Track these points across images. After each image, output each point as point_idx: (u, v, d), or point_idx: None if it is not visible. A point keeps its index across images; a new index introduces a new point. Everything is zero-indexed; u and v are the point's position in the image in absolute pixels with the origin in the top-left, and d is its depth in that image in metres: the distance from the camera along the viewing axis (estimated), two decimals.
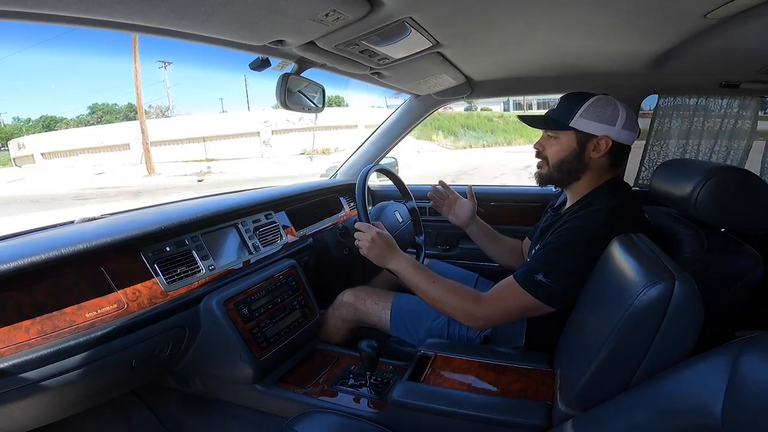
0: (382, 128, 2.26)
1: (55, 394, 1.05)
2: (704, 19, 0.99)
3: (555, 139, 1.23)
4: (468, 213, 1.63)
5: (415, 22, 1.06)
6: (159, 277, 1.24)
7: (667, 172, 1.28)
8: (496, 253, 1.68)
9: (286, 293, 1.52)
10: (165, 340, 1.24)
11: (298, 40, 1.11)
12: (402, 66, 1.44)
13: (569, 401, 0.88)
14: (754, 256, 1.08)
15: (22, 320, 0.97)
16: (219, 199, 1.76)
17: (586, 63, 1.59)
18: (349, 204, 2.28)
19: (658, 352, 0.74)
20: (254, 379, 1.34)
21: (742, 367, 0.55)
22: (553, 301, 1.09)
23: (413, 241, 1.85)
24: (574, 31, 1.21)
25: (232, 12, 0.86)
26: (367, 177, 1.48)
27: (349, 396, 1.29)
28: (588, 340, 0.89)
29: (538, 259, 1.13)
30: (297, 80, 1.37)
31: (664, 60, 1.43)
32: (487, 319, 1.18)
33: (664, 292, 0.72)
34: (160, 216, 1.32)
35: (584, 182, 1.23)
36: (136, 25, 0.88)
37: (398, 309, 1.50)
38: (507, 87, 1.97)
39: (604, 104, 1.17)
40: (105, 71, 41.30)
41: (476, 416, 1.01)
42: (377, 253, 1.31)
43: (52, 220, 1.42)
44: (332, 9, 0.90)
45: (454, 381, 1.14)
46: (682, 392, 0.64)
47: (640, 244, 0.92)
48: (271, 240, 1.68)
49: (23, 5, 0.72)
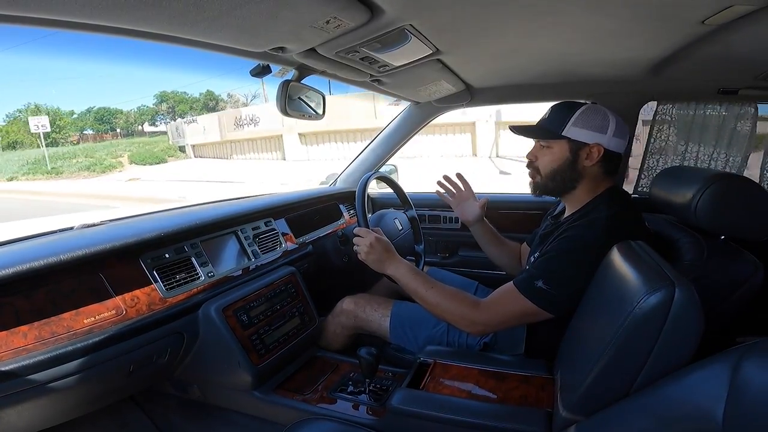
0: (381, 136, 2.27)
1: (52, 399, 1.05)
2: (702, 25, 1.00)
3: (548, 149, 1.24)
4: (473, 216, 1.64)
5: (415, 29, 1.06)
6: (158, 283, 1.24)
7: (666, 180, 1.28)
8: (497, 255, 1.68)
9: (286, 300, 1.52)
10: (163, 347, 1.23)
11: (298, 47, 1.11)
12: (402, 73, 1.45)
13: (570, 408, 0.88)
14: (754, 263, 1.08)
15: (20, 325, 0.97)
16: (218, 206, 1.76)
17: (585, 70, 1.60)
18: (348, 211, 2.28)
19: (658, 359, 0.74)
20: (253, 385, 1.33)
21: (743, 373, 0.55)
22: (551, 308, 1.09)
23: (413, 249, 1.85)
24: (573, 38, 1.21)
25: (233, 19, 0.86)
26: (367, 184, 1.48)
27: (348, 403, 1.28)
28: (589, 347, 0.88)
29: (539, 266, 1.14)
30: (297, 87, 1.38)
31: (663, 67, 1.43)
32: (485, 325, 1.18)
33: (664, 299, 0.72)
34: (160, 222, 1.32)
35: (581, 191, 1.23)
36: (138, 31, 0.89)
37: (398, 316, 1.49)
38: (506, 94, 1.97)
39: (594, 113, 1.18)
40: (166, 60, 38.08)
41: (475, 423, 1.00)
42: (375, 258, 1.31)
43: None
44: (333, 16, 0.91)
45: (454, 388, 1.14)
46: (683, 398, 0.63)
47: (640, 251, 0.92)
48: (271, 247, 1.68)
49: (25, 10, 0.72)
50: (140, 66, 37.96)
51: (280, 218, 1.82)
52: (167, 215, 1.58)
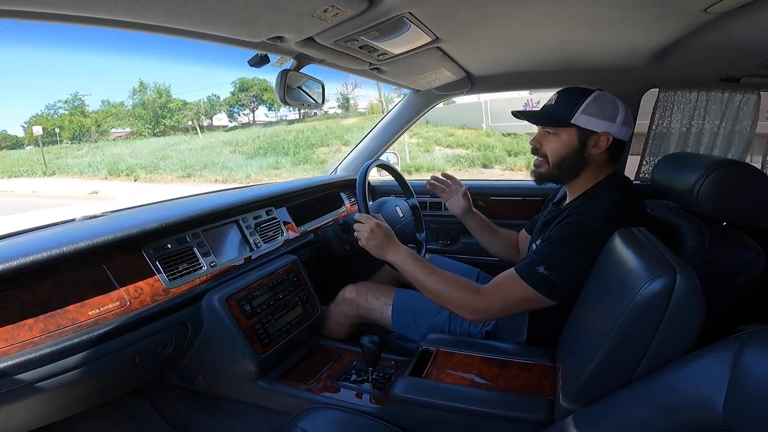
0: (382, 123, 2.26)
1: (59, 392, 1.05)
2: (705, 13, 0.99)
3: (554, 136, 1.22)
4: (461, 208, 1.68)
5: (414, 17, 1.05)
6: (161, 274, 1.24)
7: (668, 166, 1.28)
8: (491, 244, 1.70)
9: (288, 289, 1.53)
10: (168, 338, 1.24)
11: (296, 36, 1.10)
12: (401, 61, 1.44)
13: (571, 396, 0.89)
14: (756, 250, 1.08)
15: (25, 319, 0.97)
16: (219, 195, 1.76)
17: (587, 58, 1.58)
18: (349, 199, 2.28)
19: (660, 346, 0.74)
20: (257, 375, 1.34)
21: (745, 361, 0.55)
22: (553, 294, 1.09)
23: (414, 236, 1.85)
24: (575, 26, 1.20)
25: (230, 8, 0.86)
26: (367, 172, 1.48)
27: (352, 391, 1.29)
28: (590, 335, 0.89)
29: (540, 252, 1.13)
30: (296, 76, 1.37)
31: (665, 54, 1.42)
32: (486, 312, 1.17)
33: (665, 286, 0.72)
34: (161, 213, 1.32)
35: (584, 178, 1.23)
36: (134, 22, 0.88)
37: (400, 304, 1.50)
38: (507, 81, 1.96)
39: (605, 101, 1.16)
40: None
41: (478, 411, 1.01)
42: (376, 244, 1.31)
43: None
44: (331, 5, 0.90)
45: (456, 376, 1.15)
46: (684, 386, 0.64)
47: (642, 237, 0.92)
48: (272, 236, 1.68)
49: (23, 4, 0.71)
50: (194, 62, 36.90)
51: (282, 207, 1.82)
52: (168, 205, 1.58)
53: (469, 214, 1.69)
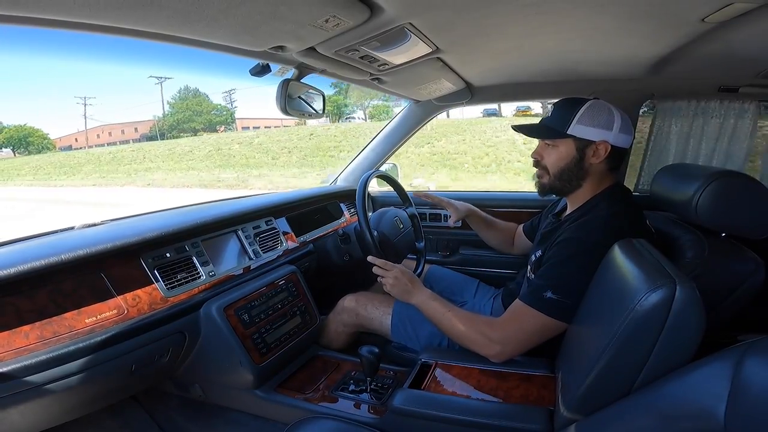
0: (382, 134, 2.27)
1: (54, 398, 1.05)
2: (702, 23, 1.00)
3: (553, 148, 1.23)
4: (462, 213, 1.81)
5: (415, 27, 1.06)
6: (159, 282, 1.24)
7: (666, 177, 1.28)
8: (490, 237, 1.87)
9: (287, 299, 1.52)
10: (165, 346, 1.23)
11: (298, 46, 1.11)
12: (402, 71, 1.45)
13: (571, 406, 0.88)
14: (755, 261, 1.07)
15: (21, 325, 0.97)
16: (219, 205, 1.76)
17: (586, 68, 1.59)
18: (349, 210, 2.28)
19: (659, 357, 0.74)
20: (254, 384, 1.33)
21: (745, 372, 0.55)
22: (566, 317, 1.08)
23: (413, 246, 1.84)
24: (573, 36, 1.21)
25: (232, 18, 0.86)
26: (367, 183, 1.48)
27: (350, 402, 1.28)
28: (590, 345, 0.88)
29: (543, 276, 1.13)
30: (297, 86, 1.37)
31: (663, 64, 1.43)
32: (502, 343, 1.15)
33: (665, 297, 0.72)
34: (161, 222, 1.32)
35: (585, 189, 1.23)
36: (138, 30, 0.89)
37: (399, 314, 1.49)
38: (506, 92, 1.97)
39: (599, 109, 1.17)
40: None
41: (477, 422, 1.00)
42: (401, 290, 1.36)
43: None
44: (332, 15, 0.91)
45: (455, 388, 1.14)
46: (685, 397, 0.63)
47: (641, 249, 0.92)
48: (272, 246, 1.67)
49: (25, 10, 0.72)
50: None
51: (281, 217, 1.82)
52: (167, 215, 1.58)
53: (468, 215, 1.81)
